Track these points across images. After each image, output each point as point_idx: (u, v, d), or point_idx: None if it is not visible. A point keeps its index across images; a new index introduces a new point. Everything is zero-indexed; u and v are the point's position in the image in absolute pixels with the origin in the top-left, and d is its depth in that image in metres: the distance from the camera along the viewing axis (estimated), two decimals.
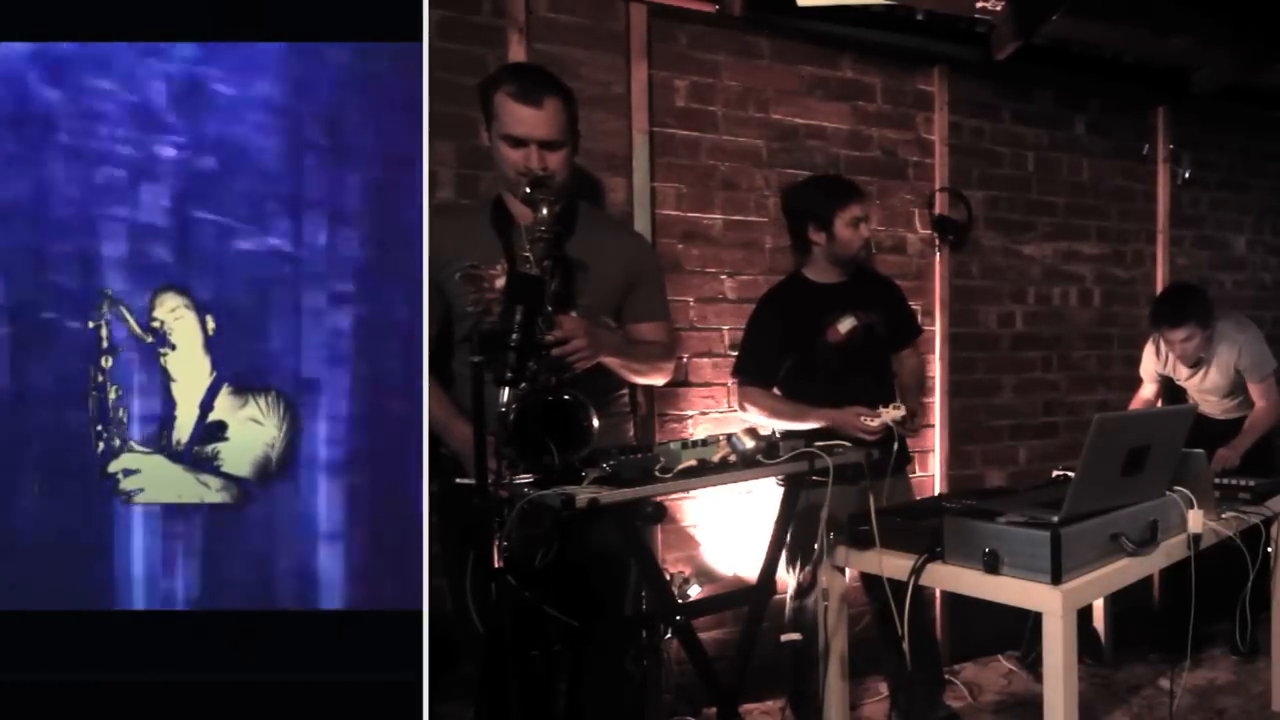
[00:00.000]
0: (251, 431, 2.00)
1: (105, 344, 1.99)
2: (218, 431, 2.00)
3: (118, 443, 1.99)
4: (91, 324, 1.98)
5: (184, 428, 2.01)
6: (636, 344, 2.19)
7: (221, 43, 1.96)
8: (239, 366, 2.00)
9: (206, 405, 2.01)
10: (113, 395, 1.98)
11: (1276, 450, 3.54)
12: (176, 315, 1.99)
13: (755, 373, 2.70)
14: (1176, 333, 3.24)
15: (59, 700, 1.88)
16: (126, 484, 1.98)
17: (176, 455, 2.00)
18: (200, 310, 2.00)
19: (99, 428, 1.98)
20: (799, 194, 2.80)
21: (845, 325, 2.68)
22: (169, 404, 2.00)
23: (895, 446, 2.29)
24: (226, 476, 2.01)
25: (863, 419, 2.38)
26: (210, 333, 2.00)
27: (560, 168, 2.01)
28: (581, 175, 2.50)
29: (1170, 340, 3.30)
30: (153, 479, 1.99)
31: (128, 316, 1.99)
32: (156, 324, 1.99)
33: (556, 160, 2.00)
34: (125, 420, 1.99)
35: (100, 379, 1.98)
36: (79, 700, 1.88)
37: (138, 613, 1.97)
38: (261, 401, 2.00)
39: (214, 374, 2.00)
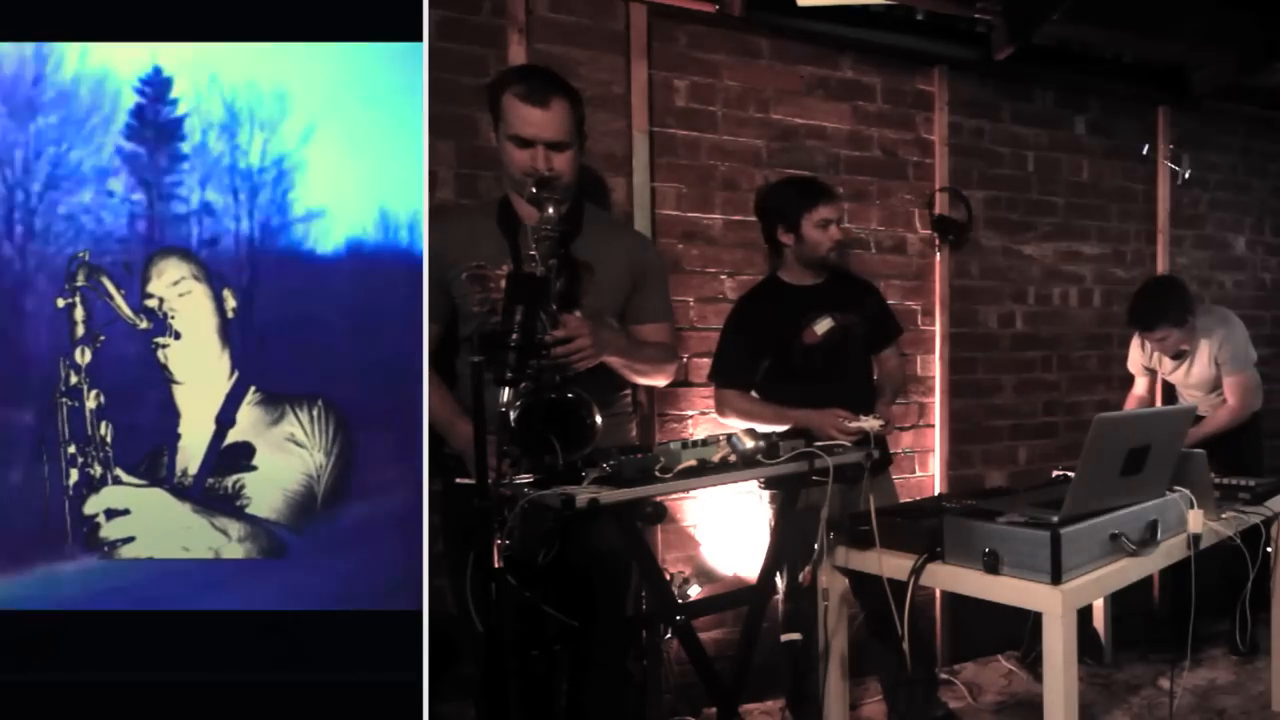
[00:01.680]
0: (288, 457, 1.43)
1: (81, 330, 1.37)
2: (241, 457, 1.43)
3: (98, 471, 1.38)
4: (62, 302, 1.38)
5: (192, 451, 1.40)
6: (640, 344, 2.19)
7: (220, 42, 1.96)
8: (271, 365, 1.40)
9: (225, 419, 1.41)
10: (91, 403, 1.37)
11: (1265, 450, 3.56)
12: (182, 290, 1.39)
13: (731, 376, 2.69)
14: (1152, 335, 3.34)
15: (56, 700, 1.88)
16: (110, 530, 1.40)
17: (182, 490, 1.41)
18: (215, 284, 1.38)
19: (71, 450, 1.38)
20: (768, 195, 2.79)
21: (821, 327, 2.68)
22: (171, 417, 1.39)
23: (876, 451, 2.29)
24: (252, 520, 1.44)
25: (843, 421, 2.38)
26: (231, 315, 1.39)
27: (566, 168, 2.02)
28: (588, 176, 2.50)
29: (1148, 339, 3.40)
30: (148, 523, 1.40)
31: (113, 292, 1.38)
32: (153, 303, 1.38)
33: (562, 161, 2.01)
34: (109, 439, 1.38)
35: (74, 380, 1.36)
36: (75, 700, 1.88)
37: (134, 613, 1.88)
38: (304, 414, 1.44)
39: (235, 374, 1.41)
